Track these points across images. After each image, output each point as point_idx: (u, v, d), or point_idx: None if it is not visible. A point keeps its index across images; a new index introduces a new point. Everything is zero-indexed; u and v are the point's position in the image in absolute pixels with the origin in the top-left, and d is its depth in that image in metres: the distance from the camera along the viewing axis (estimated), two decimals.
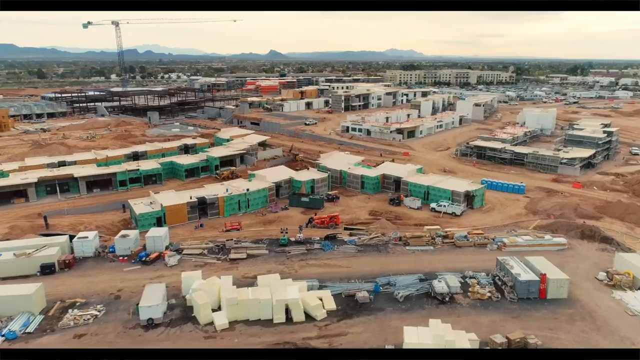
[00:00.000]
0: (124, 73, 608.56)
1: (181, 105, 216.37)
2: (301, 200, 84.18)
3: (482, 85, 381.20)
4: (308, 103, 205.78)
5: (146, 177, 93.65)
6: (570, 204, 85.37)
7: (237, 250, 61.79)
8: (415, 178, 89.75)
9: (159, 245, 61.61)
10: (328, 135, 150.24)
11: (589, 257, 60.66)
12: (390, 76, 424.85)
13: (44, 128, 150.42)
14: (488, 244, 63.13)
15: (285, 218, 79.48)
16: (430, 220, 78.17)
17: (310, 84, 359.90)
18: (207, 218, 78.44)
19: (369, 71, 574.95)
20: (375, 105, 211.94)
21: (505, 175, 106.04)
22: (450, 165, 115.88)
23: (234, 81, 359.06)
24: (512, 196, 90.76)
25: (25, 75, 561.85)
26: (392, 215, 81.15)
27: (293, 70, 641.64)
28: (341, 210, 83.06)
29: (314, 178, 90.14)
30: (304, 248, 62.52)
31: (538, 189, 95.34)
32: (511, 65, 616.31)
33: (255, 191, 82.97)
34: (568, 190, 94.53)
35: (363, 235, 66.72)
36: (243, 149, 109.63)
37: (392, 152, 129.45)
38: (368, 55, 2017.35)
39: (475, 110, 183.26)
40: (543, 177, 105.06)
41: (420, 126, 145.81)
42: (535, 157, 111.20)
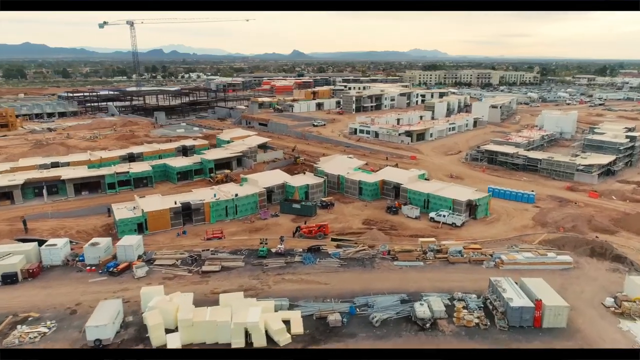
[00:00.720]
0: (146, 72, 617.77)
1: (192, 105, 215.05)
2: (292, 207, 79.96)
3: (505, 86, 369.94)
4: (319, 104, 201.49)
5: (137, 180, 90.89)
6: (583, 215, 78.75)
7: (212, 261, 57.93)
8: (415, 185, 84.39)
9: (130, 255, 58.24)
10: (337, 137, 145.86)
11: (597, 278, 54.52)
12: (410, 76, 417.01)
13: (50, 127, 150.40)
14: (484, 261, 57.60)
15: (274, 226, 75.37)
16: (428, 231, 72.89)
17: (327, 84, 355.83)
18: (192, 224, 74.99)
19: (390, 71, 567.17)
20: (388, 107, 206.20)
21: (516, 183, 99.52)
22: (458, 170, 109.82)
23: (251, 81, 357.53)
24: (520, 206, 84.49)
25: (51, 75, 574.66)
26: (388, 224, 76.08)
27: (313, 71, 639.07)
28: (334, 219, 78.52)
29: (308, 183, 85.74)
30: (283, 261, 58.24)
31: (550, 198, 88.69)
32: (536, 66, 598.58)
33: (244, 197, 79.08)
34: (583, 200, 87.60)
35: (349, 248, 62.02)
36: (240, 152, 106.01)
37: (399, 155, 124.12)
38: (391, 55, 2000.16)
39: (492, 112, 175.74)
40: (557, 185, 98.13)
41: (431, 128, 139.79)
42: (550, 163, 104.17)
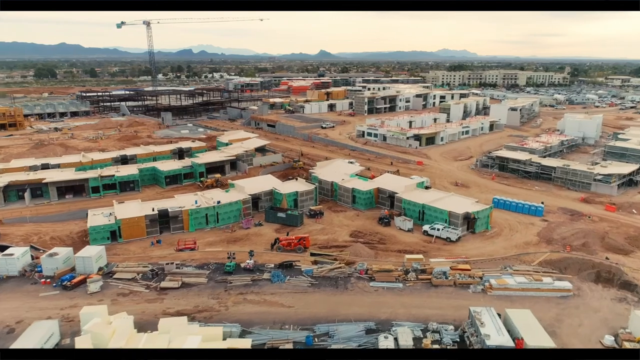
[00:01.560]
0: (171, 72, 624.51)
1: (205, 105, 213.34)
2: (277, 216, 75.32)
3: (531, 87, 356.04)
4: (331, 105, 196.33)
5: (123, 184, 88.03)
6: (596, 231, 71.30)
7: (174, 276, 53.89)
8: (410, 194, 78.45)
9: (89, 267, 54.79)
10: (344, 140, 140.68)
11: (600, 309, 47.80)
12: (433, 77, 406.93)
13: (57, 127, 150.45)
14: (472, 284, 51.57)
15: (255, 236, 70.88)
16: (419, 247, 67.04)
17: (347, 84, 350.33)
18: (170, 233, 71.31)
19: (414, 72, 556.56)
20: (403, 108, 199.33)
21: (527, 192, 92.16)
22: (465, 177, 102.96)
23: (270, 81, 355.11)
24: (526, 219, 77.45)
25: (80, 75, 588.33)
26: (377, 237, 70.51)
27: (337, 71, 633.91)
28: (320, 229, 73.47)
29: (297, 190, 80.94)
30: (249, 278, 53.67)
31: (561, 211, 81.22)
32: (567, 66, 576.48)
33: (227, 204, 74.90)
34: (598, 214, 79.79)
35: (326, 265, 56.94)
36: (234, 155, 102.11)
37: (405, 160, 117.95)
38: (419, 55, 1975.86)
39: (511, 115, 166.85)
40: (572, 196, 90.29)
41: (441, 132, 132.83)
42: (565, 172, 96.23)
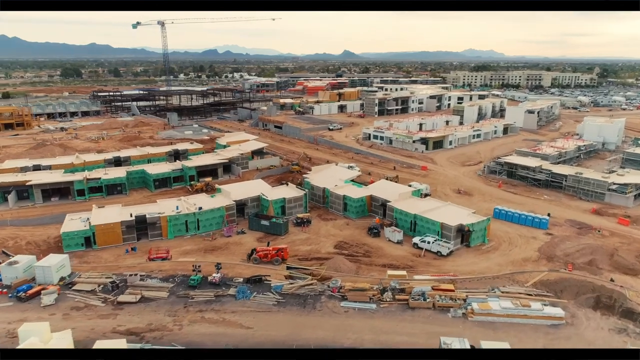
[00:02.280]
0: (193, 72, 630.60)
1: (216, 105, 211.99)
2: (261, 224, 71.76)
3: (556, 88, 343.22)
4: (341, 106, 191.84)
5: (111, 187, 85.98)
6: (605, 247, 65.29)
7: (135, 289, 50.88)
8: (403, 203, 73.68)
9: (49, 277, 52.34)
10: (349, 142, 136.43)
11: (594, 342, 42.44)
12: (454, 78, 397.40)
13: (63, 127, 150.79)
14: (452, 308, 46.81)
15: (235, 245, 67.43)
16: (407, 261, 62.40)
17: (365, 85, 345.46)
18: (148, 240, 68.58)
19: (436, 72, 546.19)
20: (416, 110, 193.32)
21: (534, 202, 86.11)
22: (469, 184, 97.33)
23: (286, 81, 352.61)
24: (529, 232, 71.72)
25: (104, 74, 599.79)
26: (363, 249, 66.12)
27: (359, 71, 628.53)
28: (305, 239, 69.54)
29: (285, 197, 77.20)
30: (213, 293, 50.20)
31: (568, 223, 75.09)
32: (596, 67, 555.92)
33: (209, 210, 71.73)
34: (609, 227, 73.40)
35: (298, 280, 53.02)
36: (227, 158, 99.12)
37: (409, 165, 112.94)
38: (444, 55, 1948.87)
39: (528, 117, 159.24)
40: (583, 207, 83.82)
41: (450, 135, 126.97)
42: (577, 180, 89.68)
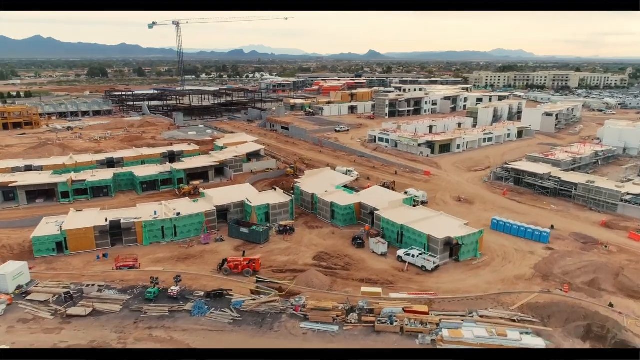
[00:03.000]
0: (215, 72, 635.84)
1: (227, 105, 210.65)
2: (240, 231, 68.55)
3: (584, 89, 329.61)
4: (352, 107, 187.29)
5: (97, 189, 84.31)
6: (610, 266, 59.48)
7: (90, 301, 48.29)
8: (391, 212, 69.19)
9: (3, 285, 50.28)
10: (354, 145, 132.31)
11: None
12: (476, 78, 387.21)
13: (70, 126, 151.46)
14: (420, 334, 42.37)
15: (210, 254, 64.36)
16: (387, 275, 58.07)
17: (384, 85, 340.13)
18: (122, 246, 66.24)
19: (460, 72, 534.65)
20: (429, 111, 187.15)
21: (539, 212, 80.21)
22: (472, 191, 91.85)
23: (304, 81, 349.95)
24: (527, 245, 66.24)
25: (129, 74, 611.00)
26: (343, 262, 62.03)
27: (381, 71, 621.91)
28: (285, 249, 65.94)
29: (270, 203, 73.75)
30: (168, 308, 47.12)
31: (573, 237, 69.17)
32: (629, 67, 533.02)
33: (187, 216, 68.92)
34: (618, 243, 67.19)
35: (262, 296, 49.46)
36: (221, 160, 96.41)
37: (412, 169, 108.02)
38: (471, 55, 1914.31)
39: (545, 120, 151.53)
40: (592, 219, 77.49)
41: (458, 139, 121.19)
42: (587, 190, 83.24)
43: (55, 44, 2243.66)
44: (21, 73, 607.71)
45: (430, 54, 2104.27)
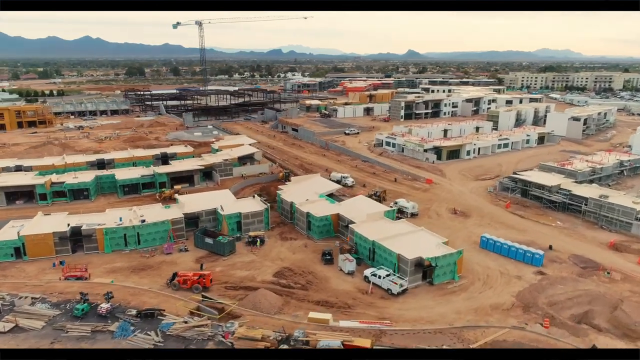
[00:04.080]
0: (248, 72, 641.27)
1: (244, 105, 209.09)
2: (205, 242, 64.84)
3: (629, 91, 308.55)
4: (368, 108, 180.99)
5: (77, 191, 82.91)
6: (608, 297, 52.09)
7: (16, 315, 45.63)
8: (366, 226, 63.61)
9: None
10: (361, 149, 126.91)
11: None
12: (511, 79, 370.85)
13: (81, 125, 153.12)
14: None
15: (168, 265, 60.88)
16: (348, 298, 52.76)
17: (413, 86, 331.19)
18: (84, 253, 63.93)
19: (497, 73, 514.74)
20: (449, 114, 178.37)
21: (541, 229, 72.48)
22: (472, 203, 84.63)
23: (330, 81, 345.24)
24: (516, 268, 59.18)
25: (165, 73, 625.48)
26: (305, 280, 57.09)
27: (416, 71, 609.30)
28: (248, 262, 61.67)
29: (242, 212, 69.70)
30: (90, 328, 43.74)
31: (572, 260, 61.46)
32: None
33: (151, 224, 65.86)
34: (624, 269, 59.02)
35: (194, 319, 45.36)
36: (209, 164, 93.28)
37: (414, 177, 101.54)
38: (514, 55, 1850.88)
39: (572, 125, 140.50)
40: (601, 239, 69.07)
41: (468, 145, 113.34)
42: (599, 206, 74.58)
43: (103, 44, 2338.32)
44: (65, 72, 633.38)
45: (471, 54, 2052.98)
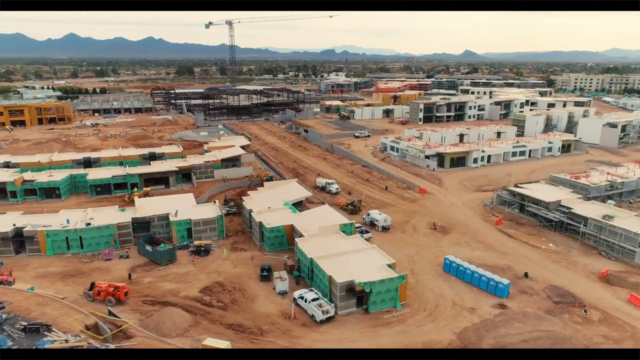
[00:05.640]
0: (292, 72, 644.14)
1: (267, 105, 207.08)
2: (145, 249, 61.49)
3: None
4: (388, 110, 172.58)
5: (49, 190, 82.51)
6: (574, 342, 43.60)
7: None
8: (311, 241, 57.65)
9: None
10: (365, 153, 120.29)
11: None
12: (563, 81, 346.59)
13: (96, 123, 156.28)
14: None
15: (101, 272, 57.93)
16: (266, 322, 47.31)
17: (453, 87, 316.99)
18: (26, 254, 62.47)
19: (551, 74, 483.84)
20: (475, 117, 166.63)
21: (528, 252, 63.42)
22: (461, 218, 76.11)
23: (367, 82, 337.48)
24: (474, 299, 51.17)
25: (213, 72, 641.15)
26: (231, 298, 52.10)
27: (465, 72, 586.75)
28: (182, 274, 57.55)
29: (192, 219, 65.78)
30: None
31: (547, 291, 52.52)
32: None
33: (95, 228, 63.38)
34: (608, 307, 49.48)
35: (66, 338, 41.63)
36: (188, 165, 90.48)
37: (409, 185, 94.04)
38: (579, 55, 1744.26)
39: (606, 132, 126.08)
40: (594, 267, 59.04)
41: (475, 152, 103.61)
42: (599, 228, 64.18)
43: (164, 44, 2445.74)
44: (122, 71, 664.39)
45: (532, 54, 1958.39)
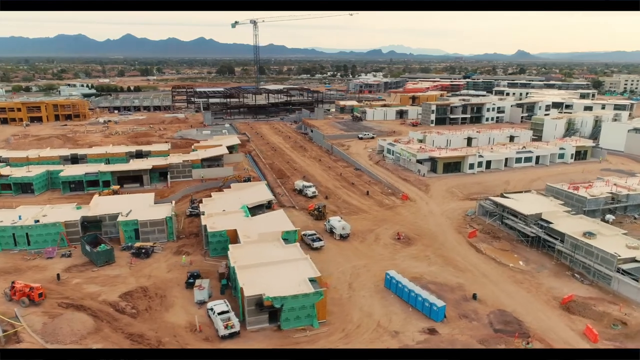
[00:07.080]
0: (330, 72, 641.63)
1: (285, 105, 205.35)
2: (85, 249, 60.33)
3: None
4: (401, 111, 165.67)
5: (24, 185, 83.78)
6: None
7: None
8: (244, 249, 54.34)
9: None
10: (363, 156, 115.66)
11: None
12: (611, 83, 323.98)
13: (107, 120, 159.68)
14: None
15: (35, 270, 57.22)
16: (170, 334, 44.52)
17: (489, 88, 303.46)
18: None
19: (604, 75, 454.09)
20: (494, 120, 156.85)
21: (492, 269, 57.25)
22: (432, 228, 70.33)
23: (398, 82, 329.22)
24: (403, 321, 46.03)
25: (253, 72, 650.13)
26: (148, 304, 49.63)
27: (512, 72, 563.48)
28: (114, 277, 55.72)
29: (139, 219, 64.07)
30: None
31: (491, 317, 46.56)
32: None
33: (41, 225, 62.93)
34: (553, 339, 43.04)
35: None
36: (164, 164, 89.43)
37: (394, 190, 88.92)
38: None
39: (632, 139, 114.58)
40: (560, 292, 52.03)
41: (471, 157, 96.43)
42: (575, 246, 56.82)
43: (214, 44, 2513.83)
44: (166, 70, 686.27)
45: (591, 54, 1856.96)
